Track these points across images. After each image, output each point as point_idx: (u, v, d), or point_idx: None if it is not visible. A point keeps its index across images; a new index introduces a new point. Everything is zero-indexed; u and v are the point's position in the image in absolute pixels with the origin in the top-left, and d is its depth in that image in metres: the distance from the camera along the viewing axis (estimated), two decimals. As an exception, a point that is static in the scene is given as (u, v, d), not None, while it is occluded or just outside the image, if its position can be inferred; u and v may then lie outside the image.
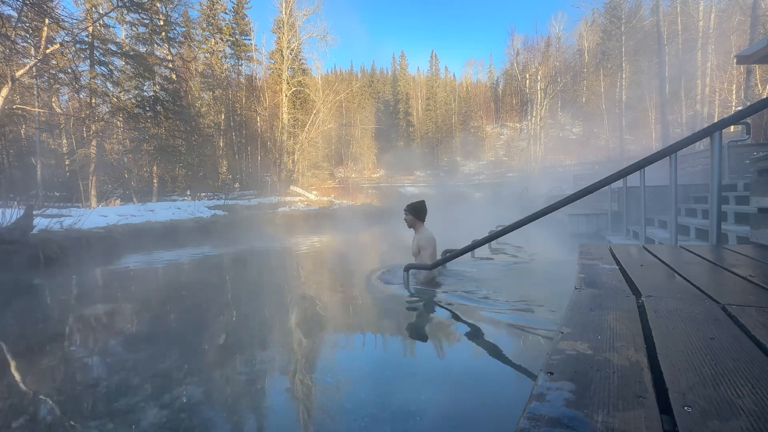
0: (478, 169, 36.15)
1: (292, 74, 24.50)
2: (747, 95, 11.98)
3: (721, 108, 18.69)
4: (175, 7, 18.42)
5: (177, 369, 1.91)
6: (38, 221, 6.08)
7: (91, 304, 3.30)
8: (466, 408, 1.52)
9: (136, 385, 1.73)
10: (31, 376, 1.87)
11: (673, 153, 3.17)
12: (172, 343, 2.28)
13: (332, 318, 2.79)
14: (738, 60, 7.11)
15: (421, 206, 3.80)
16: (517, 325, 2.43)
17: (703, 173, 8.35)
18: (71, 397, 1.66)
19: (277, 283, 4.35)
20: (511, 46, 35.15)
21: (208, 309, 3.09)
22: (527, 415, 0.65)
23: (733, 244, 3.18)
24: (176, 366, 1.95)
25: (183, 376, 1.82)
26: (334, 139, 33.91)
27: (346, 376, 1.81)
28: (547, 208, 3.25)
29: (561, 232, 7.21)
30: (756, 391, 0.72)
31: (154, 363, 2.00)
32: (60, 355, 2.13)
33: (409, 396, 1.60)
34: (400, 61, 51.99)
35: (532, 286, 3.55)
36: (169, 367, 1.95)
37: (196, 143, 17.98)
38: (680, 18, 19.33)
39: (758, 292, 1.48)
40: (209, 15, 25.17)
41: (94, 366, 1.97)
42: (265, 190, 21.18)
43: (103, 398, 1.64)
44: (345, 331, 2.42)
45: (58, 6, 11.84)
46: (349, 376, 1.82)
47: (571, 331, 1.06)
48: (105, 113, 15.20)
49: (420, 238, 3.67)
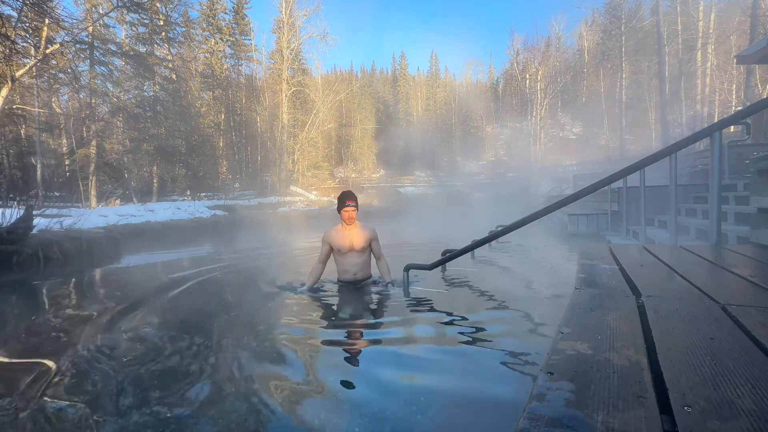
0: (478, 169, 36.13)
1: (292, 74, 24.52)
2: (747, 95, 11.98)
3: (721, 108, 18.70)
4: (175, 7, 18.44)
5: (174, 370, 1.91)
6: (38, 221, 6.08)
7: (89, 304, 3.30)
8: (466, 408, 1.52)
9: (138, 384, 1.74)
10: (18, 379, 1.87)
11: (673, 153, 3.17)
12: (170, 344, 2.28)
13: (330, 317, 2.79)
14: (738, 60, 7.12)
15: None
16: (517, 325, 2.43)
17: (703, 173, 8.35)
18: (71, 396, 1.66)
19: (277, 280, 4.35)
20: (511, 47, 35.19)
21: (208, 308, 3.09)
22: (527, 415, 0.65)
23: (733, 244, 3.18)
24: (173, 367, 1.95)
25: (180, 377, 1.82)
26: (334, 139, 33.93)
27: (346, 375, 1.81)
28: (547, 208, 3.25)
29: (561, 232, 7.21)
30: (756, 391, 0.72)
31: (153, 364, 2.00)
32: (54, 356, 2.13)
33: (409, 396, 1.60)
34: (400, 61, 52.04)
35: (532, 286, 3.55)
36: (166, 368, 1.95)
37: (196, 143, 17.99)
38: (680, 18, 19.34)
39: (758, 292, 1.48)
40: (209, 15, 25.17)
41: (94, 366, 1.97)
42: (265, 190, 21.19)
43: (104, 399, 1.64)
44: (344, 330, 2.42)
45: (58, 6, 11.83)
46: (349, 375, 1.82)
47: (571, 331, 1.06)
48: (105, 113, 15.21)
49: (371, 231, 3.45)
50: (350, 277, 3.40)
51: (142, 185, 18.39)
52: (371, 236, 3.44)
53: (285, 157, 22.45)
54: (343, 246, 3.35)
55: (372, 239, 3.43)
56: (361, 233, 3.40)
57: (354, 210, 3.34)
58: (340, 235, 3.38)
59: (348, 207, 3.32)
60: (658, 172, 7.76)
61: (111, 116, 15.24)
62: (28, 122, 14.95)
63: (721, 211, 2.83)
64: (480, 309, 2.79)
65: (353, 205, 3.34)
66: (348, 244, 3.36)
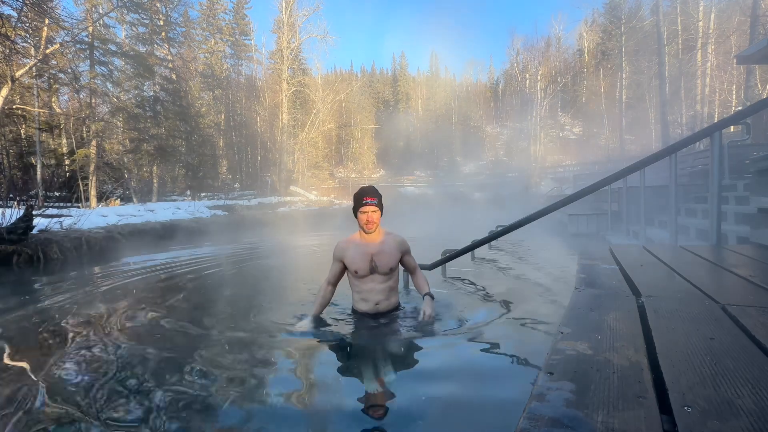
0: (478, 169, 36.15)
1: (292, 74, 24.54)
2: (747, 95, 11.99)
3: (721, 108, 18.70)
4: (175, 7, 18.45)
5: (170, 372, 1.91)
6: (38, 221, 6.08)
7: (88, 303, 3.30)
8: (466, 408, 1.52)
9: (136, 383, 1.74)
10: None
11: (673, 153, 3.17)
12: (170, 344, 2.28)
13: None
14: (738, 60, 7.12)
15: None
16: (517, 325, 2.42)
17: (703, 173, 8.35)
18: (69, 396, 1.66)
19: (277, 279, 4.35)
20: (511, 46, 35.23)
21: (209, 309, 3.10)
22: (527, 415, 0.65)
23: (733, 244, 3.18)
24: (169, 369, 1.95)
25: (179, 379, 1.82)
26: (334, 139, 33.94)
27: (346, 375, 1.81)
28: (547, 208, 3.25)
29: (561, 232, 7.21)
30: (756, 391, 0.72)
31: (152, 365, 2.00)
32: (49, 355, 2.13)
33: (409, 396, 1.60)
34: (400, 61, 52.07)
35: (532, 286, 3.55)
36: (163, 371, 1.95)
37: (196, 143, 18.00)
38: (680, 18, 19.35)
39: (758, 292, 1.48)
40: (209, 15, 25.20)
41: (94, 365, 1.98)
42: (265, 190, 21.21)
43: (103, 397, 1.64)
44: (343, 330, 2.42)
45: (58, 6, 11.85)
46: (348, 375, 1.82)
47: (571, 331, 1.06)
48: (105, 113, 15.21)
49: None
50: (370, 307, 2.41)
51: (142, 185, 18.39)
52: (401, 250, 2.46)
53: (285, 157, 22.46)
54: (361, 266, 2.36)
55: (403, 253, 2.48)
56: (388, 246, 2.41)
57: (376, 210, 2.34)
58: (358, 249, 2.38)
59: (367, 205, 2.32)
60: (658, 172, 7.76)
61: (111, 116, 15.24)
62: (28, 122, 14.96)
63: (721, 211, 2.83)
64: (480, 309, 2.78)
65: (374, 203, 2.33)
66: (367, 264, 2.36)
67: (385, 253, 2.38)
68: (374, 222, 2.33)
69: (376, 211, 2.33)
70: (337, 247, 2.46)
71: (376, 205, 2.34)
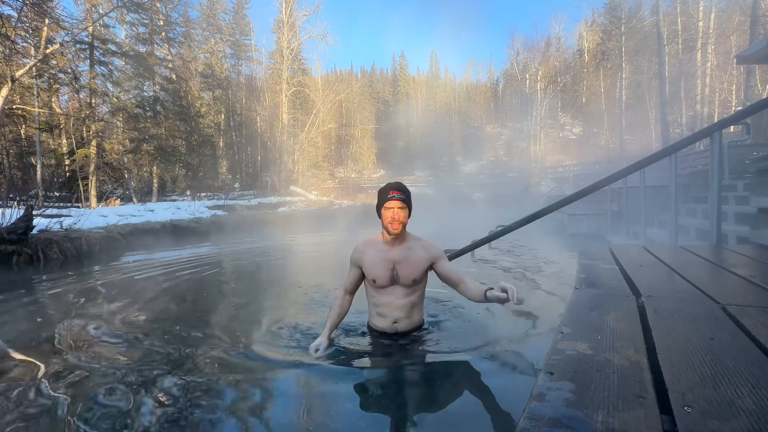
0: (478, 169, 36.14)
1: (292, 74, 24.54)
2: (747, 95, 11.98)
3: (721, 108, 18.70)
4: (175, 7, 18.47)
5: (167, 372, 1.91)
6: (38, 221, 6.08)
7: (88, 303, 3.30)
8: (466, 408, 1.52)
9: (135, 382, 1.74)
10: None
11: (673, 153, 3.17)
12: (169, 343, 2.28)
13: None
14: (738, 60, 7.11)
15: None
16: (517, 326, 2.42)
17: (703, 173, 8.35)
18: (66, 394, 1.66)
19: (279, 279, 4.35)
20: (511, 47, 35.23)
21: (209, 308, 3.09)
22: (527, 415, 0.65)
23: (733, 244, 3.18)
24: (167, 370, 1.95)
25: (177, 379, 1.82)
26: (334, 139, 33.94)
27: (345, 375, 1.81)
28: (547, 208, 3.25)
29: (561, 232, 7.21)
30: (756, 391, 0.72)
31: (152, 365, 2.00)
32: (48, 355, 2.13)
33: (409, 396, 1.60)
34: (400, 61, 52.05)
35: (532, 285, 3.54)
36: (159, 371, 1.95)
37: (196, 143, 18.01)
38: (680, 18, 19.35)
39: (758, 292, 1.48)
40: (209, 15, 25.21)
41: (92, 365, 1.98)
42: (265, 190, 21.21)
43: (102, 398, 1.64)
44: (342, 330, 2.41)
45: (58, 6, 11.86)
46: (348, 374, 1.81)
47: (571, 331, 1.06)
48: (105, 113, 15.22)
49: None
50: (387, 325, 2.03)
51: (142, 185, 18.41)
52: (432, 257, 2.03)
53: (285, 157, 22.46)
54: (379, 274, 1.99)
55: (434, 261, 2.04)
56: (414, 254, 2.01)
57: (403, 207, 1.94)
58: (378, 254, 2.01)
59: (393, 199, 1.93)
60: (658, 172, 7.75)
61: (111, 116, 15.25)
62: (28, 122, 14.95)
63: (721, 211, 2.83)
64: (480, 309, 2.78)
65: (401, 197, 1.94)
66: (388, 272, 1.98)
67: (409, 261, 1.98)
68: (400, 221, 1.93)
69: (403, 208, 1.94)
70: (356, 249, 2.09)
71: (404, 201, 1.94)
